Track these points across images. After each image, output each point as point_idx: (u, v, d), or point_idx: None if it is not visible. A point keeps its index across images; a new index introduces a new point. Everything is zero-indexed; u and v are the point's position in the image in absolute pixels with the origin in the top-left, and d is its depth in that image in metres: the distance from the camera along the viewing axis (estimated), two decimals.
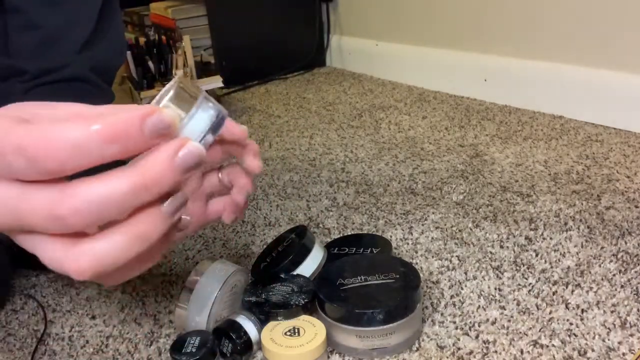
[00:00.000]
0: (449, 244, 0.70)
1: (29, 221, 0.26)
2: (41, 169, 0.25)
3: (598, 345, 0.51)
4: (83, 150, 0.25)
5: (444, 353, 0.52)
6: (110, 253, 0.27)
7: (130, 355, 0.56)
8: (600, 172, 0.84)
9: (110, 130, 0.25)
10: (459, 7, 1.27)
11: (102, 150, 0.25)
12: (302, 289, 0.56)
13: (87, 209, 0.26)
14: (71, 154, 0.25)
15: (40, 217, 0.26)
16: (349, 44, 1.61)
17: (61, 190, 0.26)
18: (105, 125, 0.25)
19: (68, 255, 0.27)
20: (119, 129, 0.25)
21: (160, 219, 0.28)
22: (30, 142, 0.25)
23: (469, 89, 1.27)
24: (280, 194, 0.88)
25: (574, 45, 1.06)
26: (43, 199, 0.26)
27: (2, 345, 0.60)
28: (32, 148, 0.25)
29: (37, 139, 0.25)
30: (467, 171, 0.89)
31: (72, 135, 0.24)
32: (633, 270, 0.61)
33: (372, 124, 1.16)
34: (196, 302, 0.54)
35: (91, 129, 0.24)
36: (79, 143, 0.24)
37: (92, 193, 0.25)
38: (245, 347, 0.53)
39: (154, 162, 0.26)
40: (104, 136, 0.25)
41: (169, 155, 0.26)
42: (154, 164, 0.26)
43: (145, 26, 1.56)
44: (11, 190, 0.26)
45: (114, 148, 0.25)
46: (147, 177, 0.26)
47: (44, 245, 0.27)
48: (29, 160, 0.25)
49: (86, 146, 0.25)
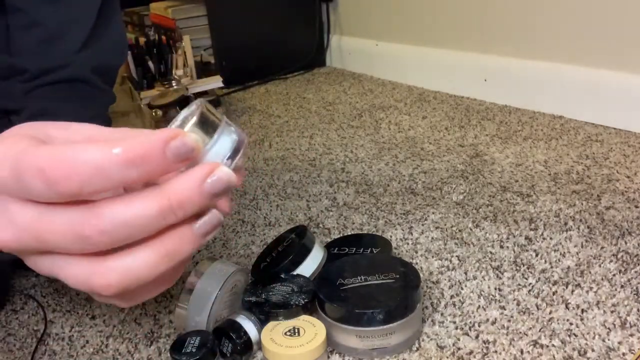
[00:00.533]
0: (449, 244, 0.70)
1: (50, 241, 0.26)
2: (60, 192, 0.25)
3: (598, 345, 0.51)
4: (104, 173, 0.24)
5: (444, 353, 0.52)
6: (138, 269, 0.27)
7: (130, 355, 0.56)
8: (600, 172, 0.84)
9: (133, 154, 0.24)
10: (459, 7, 1.27)
11: (123, 173, 0.24)
12: (302, 289, 0.56)
13: (113, 230, 0.25)
14: (91, 177, 0.24)
15: (64, 237, 0.26)
16: (349, 44, 1.61)
17: (86, 210, 0.25)
18: (127, 148, 0.24)
19: (95, 271, 0.27)
20: (142, 152, 0.24)
21: (191, 239, 0.28)
22: (50, 164, 0.24)
23: (469, 89, 1.27)
24: (280, 194, 0.88)
25: (574, 45, 1.06)
26: (67, 219, 0.25)
27: (2, 345, 0.60)
28: (51, 170, 0.24)
29: (57, 161, 0.24)
30: (467, 171, 0.89)
31: (93, 158, 0.24)
32: (633, 270, 0.61)
33: (372, 124, 1.16)
34: (196, 302, 0.54)
35: (113, 151, 0.24)
36: (101, 166, 0.24)
37: (119, 214, 0.25)
38: (245, 347, 0.53)
39: (183, 186, 0.26)
40: (126, 160, 0.24)
41: (199, 179, 0.26)
42: (182, 187, 0.26)
43: (145, 26, 1.56)
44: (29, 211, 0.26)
45: (136, 172, 0.25)
46: (173, 200, 0.26)
47: (67, 264, 0.27)
48: (47, 183, 0.24)
49: (107, 169, 0.24)
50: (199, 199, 0.26)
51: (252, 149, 1.08)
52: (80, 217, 0.25)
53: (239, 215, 0.82)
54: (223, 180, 0.26)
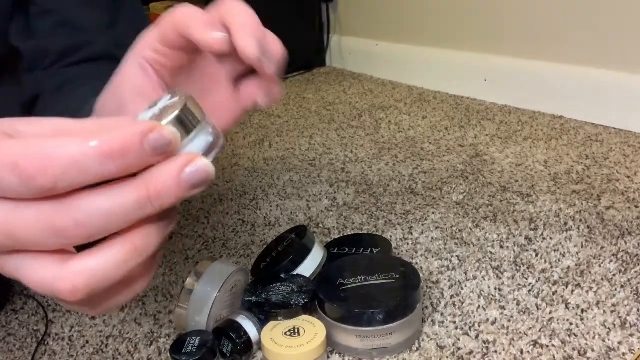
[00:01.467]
0: (449, 244, 0.70)
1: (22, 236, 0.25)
2: (34, 187, 0.23)
3: (598, 345, 0.51)
4: (80, 167, 0.23)
5: (444, 353, 0.52)
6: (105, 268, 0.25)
7: (130, 355, 0.56)
8: (600, 172, 0.84)
9: (110, 147, 0.23)
10: (459, 7, 1.27)
11: (101, 167, 0.24)
12: (302, 289, 0.56)
13: (90, 221, 0.24)
14: (67, 171, 0.23)
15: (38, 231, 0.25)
16: (349, 44, 1.61)
17: (60, 202, 0.24)
18: (104, 141, 0.23)
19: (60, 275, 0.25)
20: (119, 145, 0.23)
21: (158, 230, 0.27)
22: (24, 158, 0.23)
23: (469, 89, 1.27)
24: (280, 194, 0.88)
25: (574, 45, 1.06)
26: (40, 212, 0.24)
27: (2, 345, 0.60)
28: (25, 164, 0.23)
29: (32, 155, 0.23)
30: (467, 171, 0.89)
31: (69, 151, 0.23)
32: (633, 270, 0.61)
33: (372, 124, 1.16)
34: (196, 302, 0.54)
35: (90, 144, 0.23)
36: (77, 159, 0.23)
37: (95, 205, 0.24)
38: (245, 347, 0.53)
39: (162, 176, 0.25)
40: (103, 152, 0.23)
41: (177, 168, 0.25)
42: (161, 177, 0.25)
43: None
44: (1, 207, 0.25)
45: (113, 165, 0.24)
46: (152, 190, 0.25)
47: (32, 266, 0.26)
48: (21, 177, 0.23)
49: (84, 163, 0.23)
50: (176, 190, 0.25)
51: (252, 149, 1.08)
52: (55, 209, 0.24)
53: (239, 215, 0.82)
54: (202, 171, 0.26)
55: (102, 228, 0.25)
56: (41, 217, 0.25)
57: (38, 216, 0.25)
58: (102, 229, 0.25)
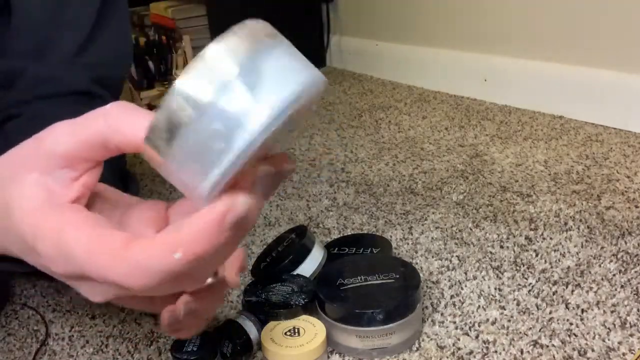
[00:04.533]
0: (449, 244, 0.70)
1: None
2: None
3: (598, 345, 0.51)
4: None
5: (444, 353, 0.52)
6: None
7: (130, 355, 0.56)
8: (600, 172, 0.84)
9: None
10: (458, 7, 1.27)
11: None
12: (302, 289, 0.56)
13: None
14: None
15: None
16: (349, 44, 1.61)
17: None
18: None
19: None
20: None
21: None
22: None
23: (469, 89, 1.27)
24: (280, 194, 0.88)
25: (574, 45, 1.06)
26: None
27: (2, 345, 0.60)
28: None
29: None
30: (467, 171, 0.89)
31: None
32: (633, 270, 0.61)
33: (372, 124, 1.16)
34: None
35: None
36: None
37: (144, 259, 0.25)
38: (245, 347, 0.53)
39: (198, 232, 0.24)
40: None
41: (215, 221, 0.23)
42: (198, 235, 0.24)
43: (145, 26, 1.56)
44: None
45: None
46: (192, 252, 0.24)
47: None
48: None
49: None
50: (217, 239, 0.24)
51: None
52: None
53: None
54: (241, 214, 0.24)
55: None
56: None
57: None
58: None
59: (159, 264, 0.24)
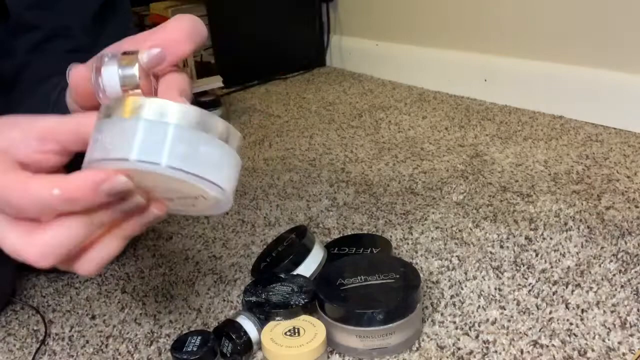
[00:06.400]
0: (449, 244, 0.70)
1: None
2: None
3: (598, 345, 0.51)
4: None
5: (444, 353, 0.52)
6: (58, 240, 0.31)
7: (130, 355, 0.56)
8: (600, 172, 0.84)
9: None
10: (459, 7, 1.27)
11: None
12: (302, 289, 0.56)
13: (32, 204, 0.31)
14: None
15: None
16: (349, 44, 1.61)
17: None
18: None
19: (28, 243, 0.32)
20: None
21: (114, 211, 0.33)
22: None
23: (469, 89, 1.27)
24: (280, 194, 0.88)
25: (574, 45, 1.06)
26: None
27: (2, 345, 0.60)
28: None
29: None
30: (467, 171, 0.89)
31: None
32: (633, 270, 0.61)
33: (372, 124, 1.16)
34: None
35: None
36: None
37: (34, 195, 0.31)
38: (245, 347, 0.53)
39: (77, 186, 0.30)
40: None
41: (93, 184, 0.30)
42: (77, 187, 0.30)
43: (145, 26, 1.56)
44: None
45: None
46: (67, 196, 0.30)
47: (7, 234, 0.32)
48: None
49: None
50: (92, 197, 0.30)
51: (252, 149, 1.08)
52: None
53: (239, 215, 0.82)
54: (117, 186, 0.30)
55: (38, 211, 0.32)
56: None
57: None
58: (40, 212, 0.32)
59: (40, 194, 0.30)
